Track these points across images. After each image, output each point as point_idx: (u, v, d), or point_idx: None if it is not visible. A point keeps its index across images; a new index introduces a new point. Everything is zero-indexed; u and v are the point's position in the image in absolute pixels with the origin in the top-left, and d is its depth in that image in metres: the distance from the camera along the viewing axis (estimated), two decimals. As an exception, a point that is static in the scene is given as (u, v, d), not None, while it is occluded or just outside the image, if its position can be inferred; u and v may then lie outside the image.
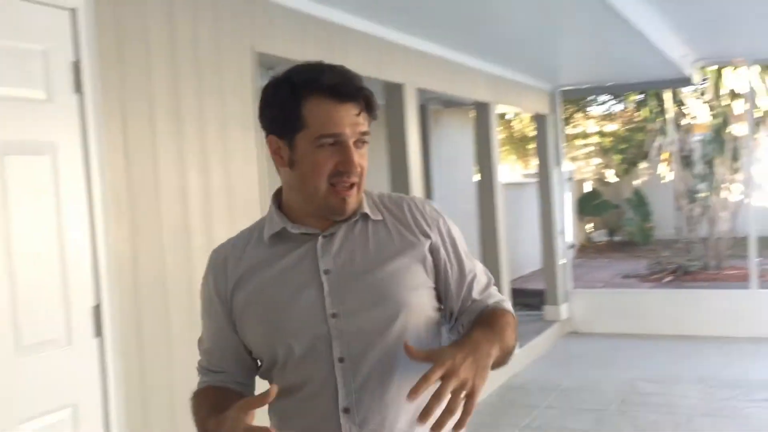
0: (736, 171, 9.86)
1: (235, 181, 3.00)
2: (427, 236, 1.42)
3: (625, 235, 14.70)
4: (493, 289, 1.51)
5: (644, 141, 12.98)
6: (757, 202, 7.27)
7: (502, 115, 11.61)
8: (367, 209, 1.41)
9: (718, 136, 9.94)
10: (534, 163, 15.74)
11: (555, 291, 7.52)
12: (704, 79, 9.13)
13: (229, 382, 1.47)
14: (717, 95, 9.72)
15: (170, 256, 2.68)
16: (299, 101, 1.31)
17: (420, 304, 1.40)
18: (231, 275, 1.43)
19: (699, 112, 10.72)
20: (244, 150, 3.06)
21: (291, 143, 1.34)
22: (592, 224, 15.47)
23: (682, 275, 10.10)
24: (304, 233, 1.40)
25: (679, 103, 10.51)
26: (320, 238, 1.39)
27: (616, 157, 14.70)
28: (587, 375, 5.96)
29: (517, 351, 5.62)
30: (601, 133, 15.03)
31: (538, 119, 7.54)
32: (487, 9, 4.19)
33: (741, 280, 9.56)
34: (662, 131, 10.56)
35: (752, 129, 7.51)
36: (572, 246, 7.72)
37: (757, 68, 7.29)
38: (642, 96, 11.47)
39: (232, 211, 2.96)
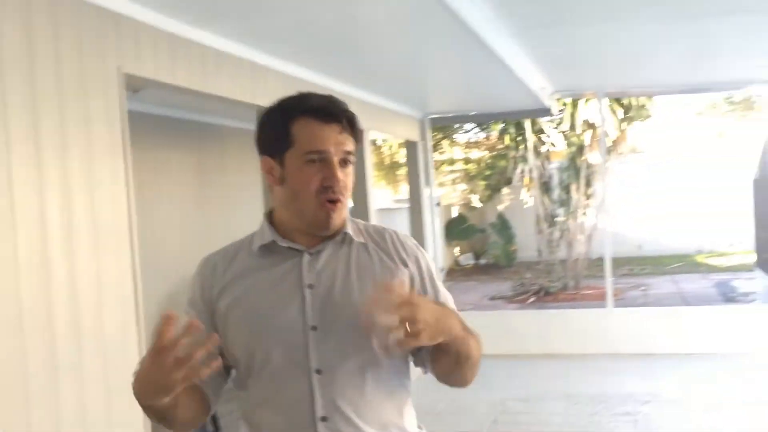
0: (589, 196, 10.52)
1: (101, 212, 2.80)
2: (406, 265, 1.53)
3: (490, 258, 15.28)
4: (461, 317, 1.56)
5: (507, 167, 13.62)
6: (610, 225, 7.74)
7: (372, 141, 11.76)
8: (350, 231, 1.52)
9: (573, 163, 10.59)
10: (404, 188, 16.13)
11: (427, 315, 7.62)
12: (561, 110, 9.71)
13: (204, 381, 1.44)
14: (572, 125, 10.36)
15: (26, 292, 2.45)
16: (288, 122, 1.45)
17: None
18: (218, 281, 1.52)
19: (556, 141, 11.37)
20: (112, 178, 2.86)
21: (282, 161, 1.46)
22: (458, 248, 15.96)
23: (544, 296, 10.61)
24: (292, 248, 1.50)
25: (538, 131, 11.12)
26: (306, 254, 1.49)
27: (481, 183, 15.30)
28: (460, 397, 6.05)
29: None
30: (467, 160, 15.63)
31: (409, 146, 7.68)
32: (360, 38, 4.23)
33: (598, 299, 10.17)
34: (523, 158, 11.13)
35: (604, 157, 8.03)
36: (441, 270, 7.90)
37: (607, 101, 7.81)
38: (504, 125, 12.05)
39: (98, 243, 2.76)
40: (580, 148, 10.34)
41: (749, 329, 6.92)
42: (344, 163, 1.47)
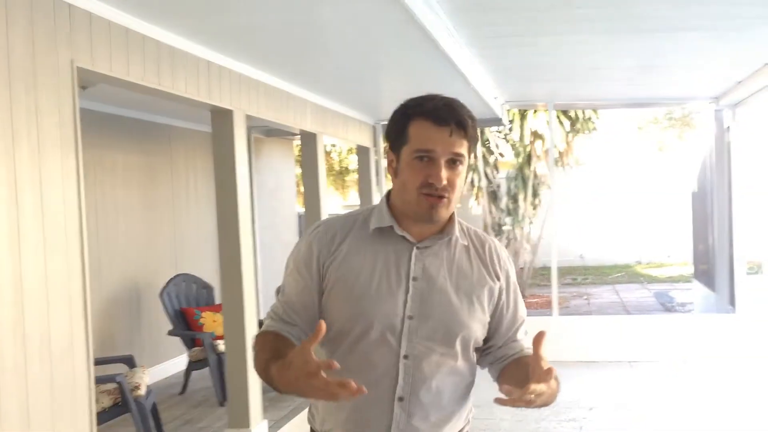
0: (536, 206, 10.71)
1: (50, 209, 2.70)
2: (498, 279, 1.68)
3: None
4: (529, 336, 1.67)
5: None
6: (555, 235, 7.88)
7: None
8: (457, 233, 1.66)
9: (521, 173, 10.76)
10: (352, 194, 16.11)
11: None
12: (510, 121, 9.87)
13: (295, 336, 1.62)
14: (521, 136, 10.54)
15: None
16: (408, 121, 1.59)
17: (476, 330, 1.65)
18: (334, 250, 1.63)
19: (505, 151, 11.55)
20: (63, 175, 2.77)
21: (398, 156, 1.61)
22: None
23: (492, 303, 10.72)
24: (404, 238, 1.63)
25: (487, 141, 11.27)
26: (415, 248, 1.63)
27: (430, 191, 15.41)
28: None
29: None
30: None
31: (361, 151, 7.68)
32: (317, 42, 4.21)
33: (543, 307, 10.36)
34: (472, 167, 11.25)
35: (551, 168, 8.17)
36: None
37: (555, 112, 7.97)
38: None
39: (46, 241, 2.66)
40: (528, 159, 10.51)
41: (687, 338, 7.14)
42: (452, 163, 1.57)
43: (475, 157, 11.09)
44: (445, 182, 1.55)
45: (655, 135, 16.29)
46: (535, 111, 9.89)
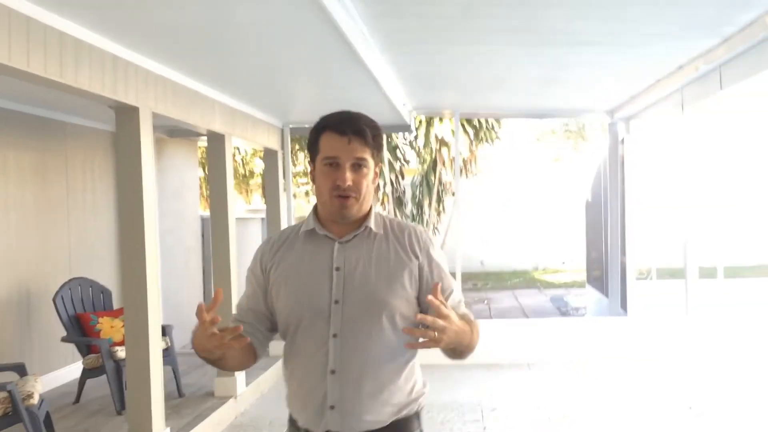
0: (440, 212, 10.91)
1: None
2: (417, 257, 1.89)
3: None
4: (463, 305, 1.96)
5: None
6: (459, 241, 8.04)
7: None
8: (372, 225, 1.89)
9: (426, 180, 10.93)
10: (256, 198, 15.87)
11: (282, 326, 7.53)
12: (416, 128, 10.00)
13: (247, 331, 1.86)
14: (427, 143, 10.71)
15: None
16: (319, 135, 1.85)
17: (399, 305, 1.85)
18: (274, 256, 1.93)
19: (410, 158, 11.70)
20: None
21: (314, 165, 1.88)
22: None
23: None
24: (327, 236, 1.89)
25: (393, 147, 11.39)
26: (337, 243, 1.88)
27: (335, 196, 15.37)
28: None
29: (243, 388, 5.47)
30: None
31: (268, 155, 7.58)
32: (227, 40, 4.11)
33: (445, 312, 10.54)
34: (379, 171, 11.33)
35: (456, 175, 8.33)
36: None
37: (460, 121, 8.15)
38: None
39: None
40: (434, 166, 10.69)
41: (582, 340, 7.46)
42: (356, 167, 1.81)
43: (381, 162, 11.20)
44: (349, 183, 1.80)
45: (552, 146, 16.94)
46: (441, 119, 10.08)
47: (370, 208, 1.92)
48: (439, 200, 10.81)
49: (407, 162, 11.72)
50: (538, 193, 16.49)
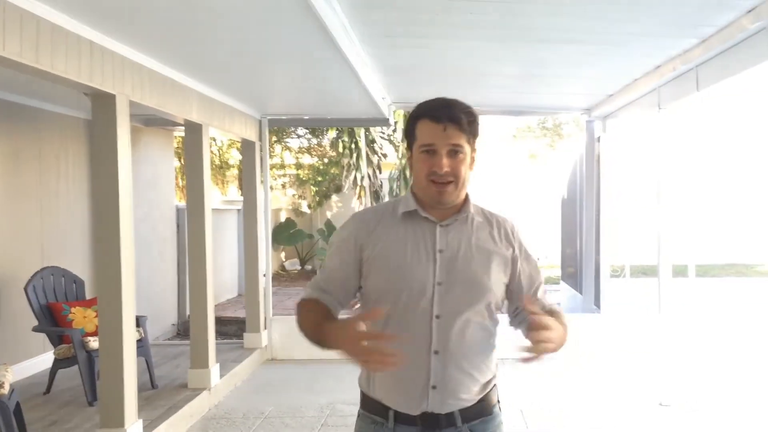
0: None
1: None
2: (511, 248, 1.96)
3: (317, 264, 15.33)
4: (547, 295, 2.05)
5: (338, 175, 13.76)
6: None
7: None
8: (472, 211, 1.96)
9: (403, 174, 10.92)
10: (232, 189, 15.77)
11: (257, 319, 7.50)
12: (395, 122, 10.00)
13: (332, 303, 1.94)
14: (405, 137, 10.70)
15: None
16: (415, 122, 1.89)
17: (497, 291, 1.92)
18: (370, 231, 1.93)
19: (387, 152, 11.68)
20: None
21: (411, 152, 1.92)
22: (284, 253, 15.87)
23: (370, 302, 10.78)
24: (428, 219, 1.92)
25: (371, 141, 11.36)
26: (438, 226, 1.91)
27: (312, 189, 15.31)
28: (289, 401, 6.02)
29: (217, 380, 5.41)
30: (299, 165, 15.58)
31: (246, 146, 7.53)
32: (206, 27, 4.05)
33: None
34: (356, 167, 11.31)
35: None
36: (265, 274, 7.80)
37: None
38: (336, 132, 12.18)
39: None
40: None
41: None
42: (453, 153, 1.84)
43: (359, 156, 11.16)
44: (446, 169, 1.84)
45: (528, 143, 17.06)
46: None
47: (467, 196, 1.96)
48: (416, 195, 10.81)
49: (384, 156, 11.70)
50: (513, 189, 16.58)
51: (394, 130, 11.00)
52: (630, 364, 7.04)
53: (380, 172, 11.54)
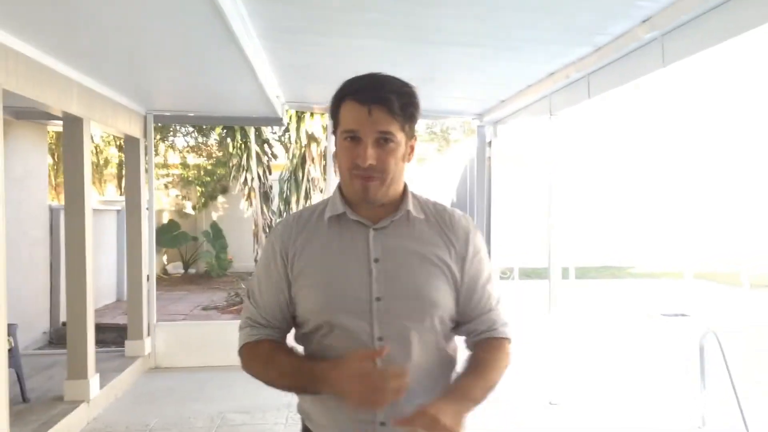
0: (308, 209, 10.74)
1: None
2: (460, 246, 1.65)
3: (201, 267, 14.84)
4: (501, 306, 1.73)
5: (225, 175, 13.37)
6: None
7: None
8: (411, 207, 1.65)
9: (294, 175, 10.72)
10: (110, 189, 14.95)
11: (139, 325, 7.10)
12: (287, 122, 9.80)
13: (276, 337, 1.66)
14: (297, 138, 10.51)
15: None
16: (339, 103, 1.59)
17: (448, 304, 1.63)
18: (293, 242, 1.64)
19: (278, 152, 11.44)
20: None
21: (336, 140, 1.61)
22: (166, 256, 15.26)
23: (260, 306, 10.50)
24: (359, 222, 1.62)
25: (261, 141, 11.08)
26: (372, 230, 1.62)
27: (198, 190, 14.79)
28: (176, 411, 5.72)
29: (97, 392, 5.06)
30: (185, 165, 15.01)
31: (130, 143, 7.12)
32: (86, 12, 3.72)
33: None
34: (246, 167, 10.99)
35: (330, 172, 8.16)
36: (149, 278, 7.42)
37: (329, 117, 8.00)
38: (225, 131, 11.80)
39: None
40: (302, 161, 10.51)
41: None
42: (382, 142, 1.54)
43: (249, 156, 10.84)
44: (371, 162, 1.54)
45: (416, 147, 17.24)
46: (312, 114, 9.93)
47: (406, 189, 1.67)
48: (307, 197, 10.65)
49: (275, 157, 11.44)
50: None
51: (286, 131, 10.79)
52: (521, 364, 7.19)
53: (270, 173, 11.27)
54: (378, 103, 1.53)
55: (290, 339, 1.77)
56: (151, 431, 5.21)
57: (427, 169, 16.79)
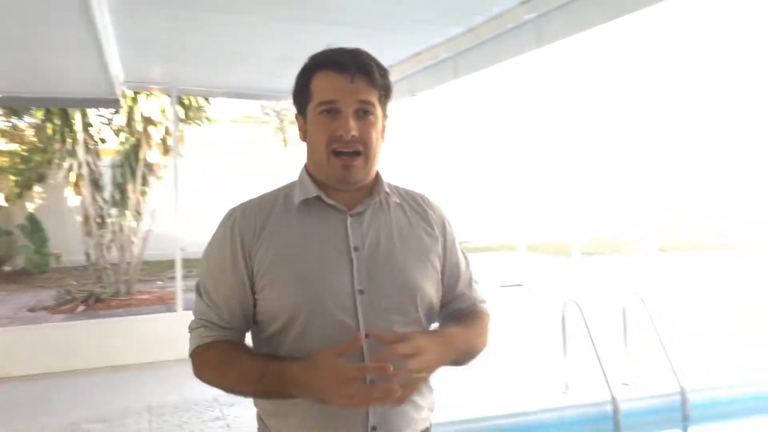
0: (145, 196, 10.06)
1: None
2: (436, 231, 1.57)
3: (19, 263, 13.53)
4: (476, 284, 1.67)
5: (42, 163, 12.20)
6: (180, 227, 7.46)
7: None
8: (387, 190, 1.54)
9: (128, 161, 9.97)
10: None
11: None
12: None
13: (233, 338, 1.49)
14: (130, 121, 9.77)
15: None
16: (310, 76, 1.47)
17: (431, 290, 1.52)
18: (258, 233, 1.46)
19: (108, 136, 10.59)
20: None
21: (305, 116, 1.49)
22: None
23: (95, 303, 9.75)
24: (335, 207, 1.48)
25: (87, 125, 10.15)
26: (349, 216, 1.48)
27: (12, 179, 13.37)
28: (19, 427, 5.13)
29: None
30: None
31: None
32: None
33: (154, 304, 9.83)
34: (71, 153, 10.02)
35: (174, 157, 7.63)
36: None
37: (176, 98, 7.51)
38: (45, 114, 10.69)
39: None
40: (137, 146, 9.79)
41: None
42: (362, 114, 1.43)
43: (74, 141, 9.88)
44: (354, 133, 1.42)
45: (252, 128, 16.77)
46: (148, 95, 9.28)
47: (377, 172, 1.54)
48: (145, 183, 9.96)
49: (103, 141, 10.56)
50: (236, 176, 16.19)
51: (116, 113, 9.99)
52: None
53: (99, 159, 10.40)
54: (360, 72, 1.44)
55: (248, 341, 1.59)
56: (-8, 453, 4.63)
57: (262, 151, 16.42)
